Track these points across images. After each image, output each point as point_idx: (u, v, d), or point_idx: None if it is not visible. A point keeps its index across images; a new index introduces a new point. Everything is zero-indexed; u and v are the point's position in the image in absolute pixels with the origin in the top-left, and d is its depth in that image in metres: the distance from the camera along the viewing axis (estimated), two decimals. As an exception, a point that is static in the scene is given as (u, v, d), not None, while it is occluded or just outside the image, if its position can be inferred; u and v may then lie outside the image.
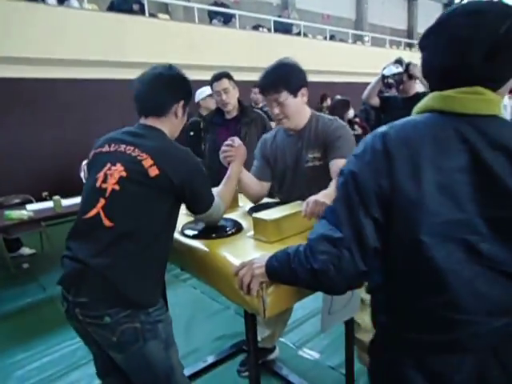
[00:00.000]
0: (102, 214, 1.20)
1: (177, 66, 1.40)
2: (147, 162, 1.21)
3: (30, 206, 3.39)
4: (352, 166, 0.81)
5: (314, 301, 1.26)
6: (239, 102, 2.62)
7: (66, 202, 3.40)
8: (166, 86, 1.34)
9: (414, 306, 0.80)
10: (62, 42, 5.35)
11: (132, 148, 1.25)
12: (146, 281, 1.23)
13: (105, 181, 1.23)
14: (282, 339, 2.35)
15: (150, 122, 1.35)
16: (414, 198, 0.75)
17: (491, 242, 0.75)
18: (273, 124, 2.65)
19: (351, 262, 0.79)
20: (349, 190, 0.80)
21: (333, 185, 1.46)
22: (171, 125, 1.37)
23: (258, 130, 2.53)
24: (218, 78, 2.52)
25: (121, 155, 1.25)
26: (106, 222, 1.19)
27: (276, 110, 1.60)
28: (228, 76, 2.54)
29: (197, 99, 3.50)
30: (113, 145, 1.29)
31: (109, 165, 1.25)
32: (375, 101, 3.26)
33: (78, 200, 3.50)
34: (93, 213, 1.22)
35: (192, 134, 2.83)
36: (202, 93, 3.48)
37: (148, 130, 1.33)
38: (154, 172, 1.20)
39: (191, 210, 1.36)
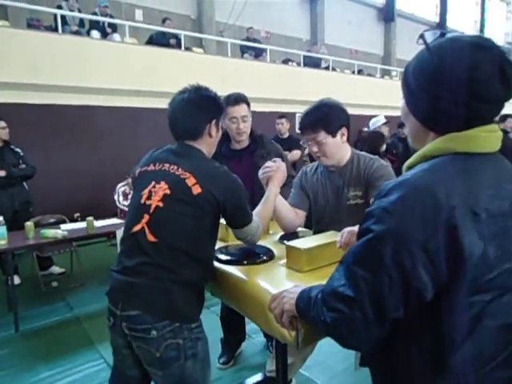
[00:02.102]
0: (146, 230, 1.25)
1: (203, 85, 1.44)
2: (190, 180, 1.26)
3: (63, 226, 3.50)
4: (387, 224, 0.70)
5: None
6: (251, 130, 2.25)
7: (97, 223, 3.50)
8: (196, 109, 1.38)
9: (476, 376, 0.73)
10: (102, 72, 5.70)
11: (175, 167, 1.31)
12: (192, 293, 1.27)
13: (149, 197, 1.29)
14: (307, 375, 2.28)
15: (188, 143, 1.40)
16: (478, 252, 0.68)
17: None
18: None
19: (363, 326, 0.72)
20: (379, 254, 0.70)
21: None
22: (207, 144, 1.42)
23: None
24: (236, 101, 2.11)
25: (165, 174, 1.31)
26: (150, 238, 1.24)
27: (314, 149, 1.64)
28: (247, 101, 2.16)
29: (372, 127, 3.99)
30: (157, 164, 1.35)
31: (153, 183, 1.30)
32: None
33: (108, 222, 3.65)
34: (137, 228, 1.27)
35: None
36: (377, 122, 3.88)
37: (188, 148, 1.38)
38: (197, 190, 1.25)
39: (232, 224, 1.39)
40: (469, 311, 0.70)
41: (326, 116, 1.59)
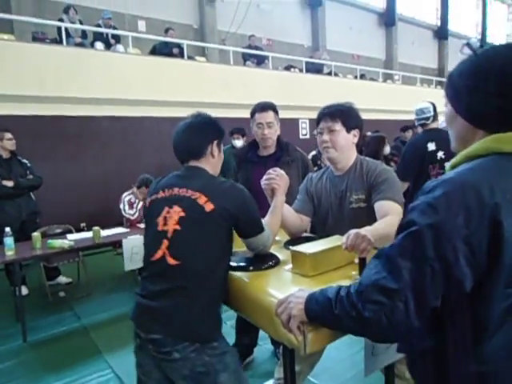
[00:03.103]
0: (167, 254, 1.28)
1: (204, 112, 1.52)
2: (201, 199, 1.30)
3: (70, 236, 3.52)
4: (432, 218, 0.73)
5: (348, 342, 1.22)
6: (278, 138, 2.34)
7: (103, 233, 3.52)
8: (197, 131, 1.45)
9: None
10: (106, 82, 5.77)
11: (184, 190, 1.35)
12: (210, 315, 1.29)
13: (165, 223, 1.32)
14: (315, 382, 2.26)
15: (192, 164, 1.45)
16: None
17: None
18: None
19: (405, 317, 0.75)
20: (423, 245, 0.73)
21: (377, 224, 1.45)
22: (210, 164, 1.46)
23: (299, 171, 2.28)
24: (264, 108, 2.23)
25: (176, 198, 1.35)
26: (171, 261, 1.27)
27: (326, 137, 1.67)
28: (275, 109, 2.27)
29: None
30: (166, 190, 1.39)
31: (166, 208, 1.34)
32: None
33: (114, 231, 3.67)
34: (158, 255, 1.30)
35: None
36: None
37: (192, 170, 1.44)
38: (209, 207, 1.29)
39: (245, 234, 1.40)
40: (504, 302, 0.73)
41: (346, 110, 1.68)
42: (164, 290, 1.26)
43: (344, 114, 1.66)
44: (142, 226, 3.92)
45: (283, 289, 1.22)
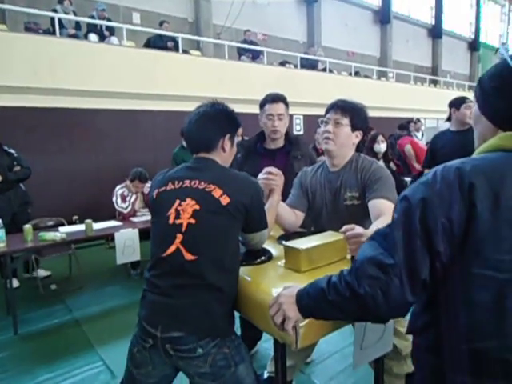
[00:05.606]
0: (182, 249, 1.23)
1: (222, 102, 1.45)
2: (216, 192, 1.26)
3: (62, 229, 3.50)
4: (421, 194, 0.79)
5: (339, 336, 1.22)
6: (286, 131, 2.29)
7: (95, 226, 3.50)
8: (211, 123, 1.38)
9: (469, 347, 0.77)
10: (100, 75, 5.71)
11: (196, 181, 1.30)
12: (228, 309, 1.28)
13: (178, 217, 1.26)
14: (305, 375, 2.29)
15: (202, 155, 1.40)
16: (491, 233, 0.74)
17: None
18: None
19: (400, 291, 0.77)
20: (412, 218, 0.78)
21: (374, 227, 1.43)
22: (221, 158, 1.41)
23: (307, 166, 2.18)
24: (275, 99, 2.19)
25: (188, 190, 1.29)
26: (188, 256, 1.22)
27: (330, 128, 1.68)
28: (285, 101, 2.22)
29: None
30: (176, 182, 1.33)
31: (178, 201, 1.28)
32: None
33: (107, 224, 3.65)
34: (172, 249, 1.24)
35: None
36: None
37: (203, 161, 1.39)
38: (225, 200, 1.25)
39: (249, 228, 1.37)
40: (474, 282, 0.76)
41: (358, 110, 1.71)
42: (182, 285, 1.22)
43: (355, 113, 1.68)
44: (135, 219, 3.92)
45: (276, 284, 1.24)
